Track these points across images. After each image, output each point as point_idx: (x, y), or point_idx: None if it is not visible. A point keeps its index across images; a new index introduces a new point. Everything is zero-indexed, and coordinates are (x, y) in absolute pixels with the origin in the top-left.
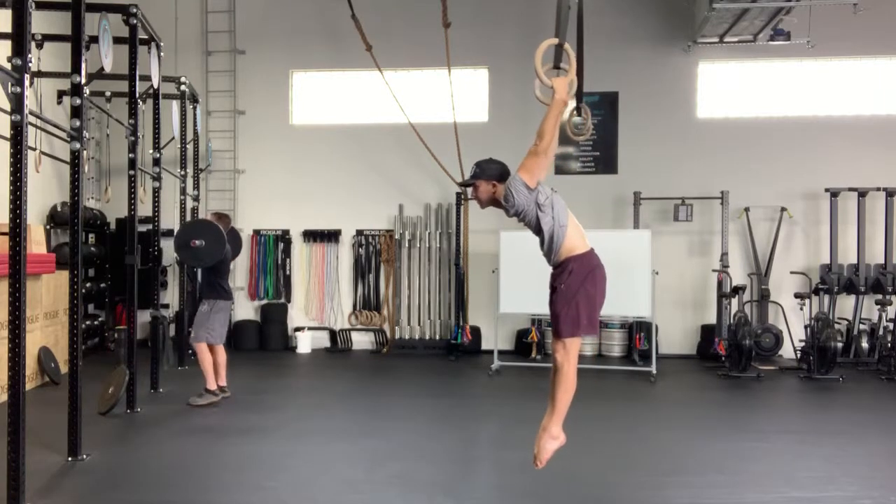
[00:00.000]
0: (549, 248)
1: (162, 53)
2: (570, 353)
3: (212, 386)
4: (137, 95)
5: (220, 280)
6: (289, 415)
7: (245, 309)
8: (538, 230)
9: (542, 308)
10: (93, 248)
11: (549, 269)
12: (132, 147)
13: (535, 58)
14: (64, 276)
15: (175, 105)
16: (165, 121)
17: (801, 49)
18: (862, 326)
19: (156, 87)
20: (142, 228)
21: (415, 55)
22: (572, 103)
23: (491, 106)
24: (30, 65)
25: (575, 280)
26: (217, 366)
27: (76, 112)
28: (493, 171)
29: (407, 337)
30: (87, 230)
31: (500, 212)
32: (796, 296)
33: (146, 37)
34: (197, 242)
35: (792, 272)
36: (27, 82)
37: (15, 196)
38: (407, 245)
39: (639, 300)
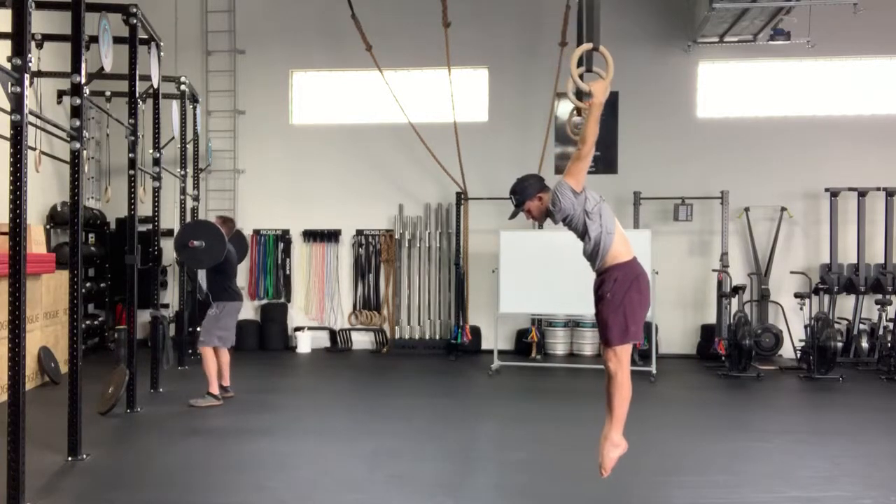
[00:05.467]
0: (593, 254)
1: (162, 53)
2: (623, 360)
3: (214, 390)
4: (137, 95)
5: (227, 282)
6: (289, 415)
7: (245, 309)
8: (584, 235)
9: (542, 308)
10: (93, 248)
11: (550, 270)
12: (132, 147)
13: (572, 63)
14: (64, 276)
15: (175, 105)
16: (165, 121)
17: (801, 49)
18: (862, 326)
19: (156, 86)
20: (142, 228)
21: (415, 55)
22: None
23: (491, 106)
24: (30, 65)
25: (620, 288)
26: (221, 366)
27: (76, 112)
28: (532, 188)
29: (407, 337)
30: (87, 230)
31: (500, 211)
32: (796, 295)
33: (146, 37)
34: (195, 243)
35: (792, 272)
36: (27, 82)
37: (15, 196)
38: (407, 245)
39: None
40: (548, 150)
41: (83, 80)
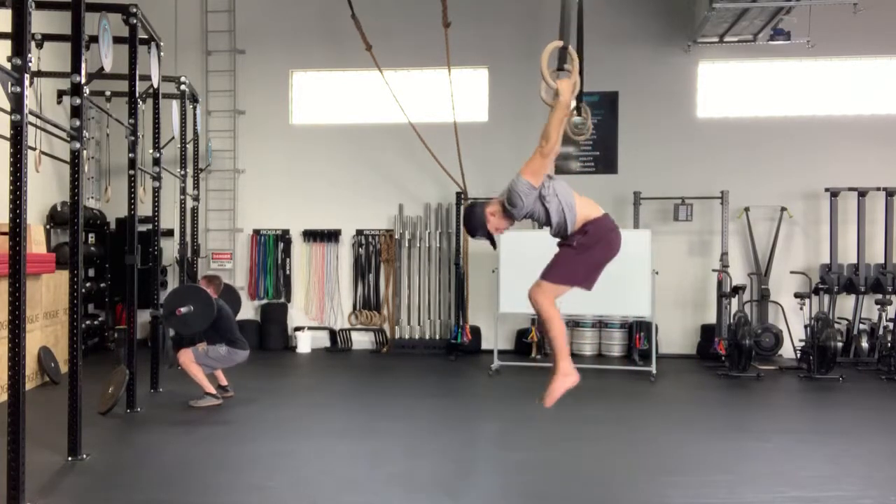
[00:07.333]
0: (562, 230)
1: (162, 53)
2: (544, 292)
3: (210, 390)
4: (137, 95)
5: (232, 336)
6: (289, 414)
7: (245, 309)
8: (548, 220)
9: None
10: (93, 248)
11: None
12: (132, 147)
13: (542, 60)
14: (64, 275)
15: (175, 105)
16: (165, 121)
17: (801, 49)
18: (862, 326)
19: (156, 86)
20: (142, 228)
21: (415, 55)
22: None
23: (491, 106)
24: (30, 65)
25: (587, 241)
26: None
27: (76, 112)
28: (479, 215)
29: (407, 337)
30: (87, 230)
31: None
32: (796, 295)
33: (146, 36)
34: (182, 310)
35: (792, 272)
36: (27, 82)
37: (15, 196)
38: (407, 245)
39: (639, 300)
40: None
41: (83, 80)
